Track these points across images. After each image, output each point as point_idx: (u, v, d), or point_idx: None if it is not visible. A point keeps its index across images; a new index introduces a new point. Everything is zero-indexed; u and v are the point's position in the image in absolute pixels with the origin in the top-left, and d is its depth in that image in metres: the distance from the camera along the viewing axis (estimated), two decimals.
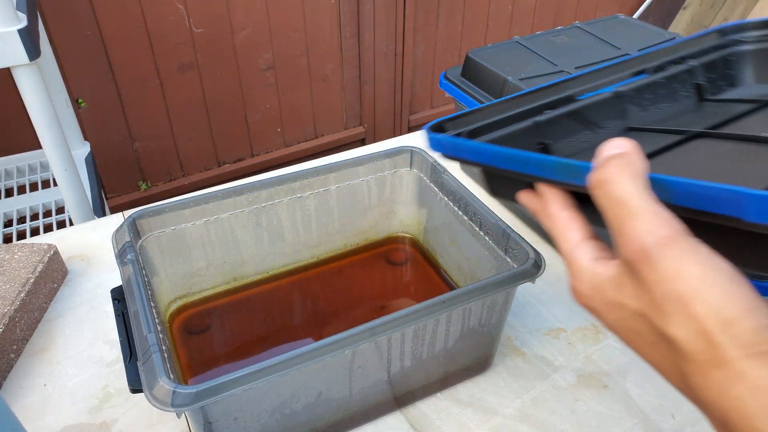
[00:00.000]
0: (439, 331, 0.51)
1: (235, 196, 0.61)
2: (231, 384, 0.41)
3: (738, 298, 0.25)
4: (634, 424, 0.56)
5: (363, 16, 1.78)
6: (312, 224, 0.67)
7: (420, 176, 0.68)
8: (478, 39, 2.09)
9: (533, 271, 0.51)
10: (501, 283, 0.50)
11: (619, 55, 0.78)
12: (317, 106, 1.89)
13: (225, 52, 1.63)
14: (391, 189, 0.70)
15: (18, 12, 0.85)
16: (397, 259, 0.72)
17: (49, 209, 1.20)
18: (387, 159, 0.67)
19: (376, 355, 0.49)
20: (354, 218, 0.70)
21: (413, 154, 0.67)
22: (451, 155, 0.42)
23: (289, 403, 0.47)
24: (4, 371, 0.59)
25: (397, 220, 0.73)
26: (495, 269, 0.58)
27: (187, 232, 0.61)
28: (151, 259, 0.60)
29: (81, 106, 1.51)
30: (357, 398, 0.52)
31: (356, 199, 0.68)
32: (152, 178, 1.73)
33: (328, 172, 0.64)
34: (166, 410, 0.40)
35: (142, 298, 0.49)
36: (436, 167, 0.65)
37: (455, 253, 0.66)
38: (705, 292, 0.25)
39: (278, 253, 0.68)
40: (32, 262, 0.67)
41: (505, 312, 0.55)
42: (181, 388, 0.40)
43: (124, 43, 1.48)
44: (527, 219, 0.80)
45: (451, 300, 0.48)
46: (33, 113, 0.91)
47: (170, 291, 0.64)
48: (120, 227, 0.57)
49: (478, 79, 0.79)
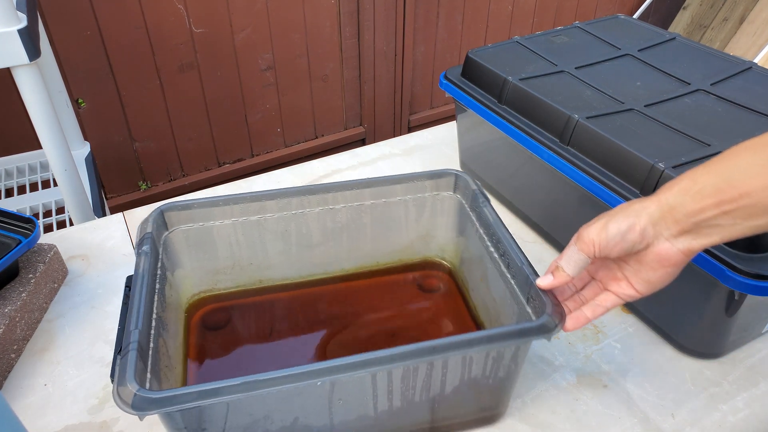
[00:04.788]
0: (434, 376, 0.47)
1: (265, 200, 0.60)
2: (192, 396, 0.40)
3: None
4: (634, 424, 0.56)
5: (363, 16, 1.78)
6: (343, 237, 0.65)
7: (462, 202, 0.64)
8: (478, 39, 2.08)
9: (546, 328, 0.46)
10: (507, 336, 0.46)
11: (619, 55, 0.78)
12: (317, 106, 1.89)
13: (225, 52, 1.63)
14: (431, 212, 0.66)
15: (18, 12, 0.85)
16: (429, 285, 0.68)
17: (49, 209, 1.20)
18: (429, 180, 0.63)
19: (359, 390, 0.47)
20: (388, 237, 0.67)
21: (457, 178, 0.63)
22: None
23: (262, 423, 0.46)
24: (4, 371, 0.59)
25: (436, 244, 0.69)
26: (515, 316, 0.53)
27: (214, 230, 0.61)
28: (177, 252, 0.60)
29: (81, 106, 1.51)
30: (339, 429, 0.49)
31: (392, 217, 0.65)
32: (152, 178, 1.73)
33: (363, 187, 0.62)
34: (126, 411, 0.40)
35: (141, 294, 0.49)
36: (477, 196, 0.61)
37: (484, 290, 0.62)
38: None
39: (306, 261, 0.66)
40: (32, 262, 0.67)
41: (515, 366, 0.50)
42: (143, 391, 0.40)
43: (124, 43, 1.48)
44: (528, 219, 0.80)
45: (447, 345, 0.44)
46: (33, 113, 0.91)
47: (194, 284, 0.64)
48: (147, 218, 0.57)
49: (478, 79, 0.79)
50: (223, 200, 0.59)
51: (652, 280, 0.46)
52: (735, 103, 0.66)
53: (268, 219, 0.61)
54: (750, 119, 0.64)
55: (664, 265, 0.45)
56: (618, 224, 0.44)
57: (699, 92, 0.69)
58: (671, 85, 0.71)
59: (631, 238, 0.44)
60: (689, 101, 0.68)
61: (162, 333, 0.53)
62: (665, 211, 0.43)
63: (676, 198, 0.43)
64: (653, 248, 0.45)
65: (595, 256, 0.46)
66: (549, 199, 0.74)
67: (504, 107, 0.74)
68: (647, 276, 0.46)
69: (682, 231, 0.43)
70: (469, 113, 0.80)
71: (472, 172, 0.89)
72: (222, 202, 0.59)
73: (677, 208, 0.43)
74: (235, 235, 0.62)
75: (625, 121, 0.65)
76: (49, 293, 0.68)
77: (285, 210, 0.61)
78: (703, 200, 0.41)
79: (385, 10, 1.80)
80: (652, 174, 0.58)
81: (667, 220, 0.43)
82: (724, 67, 0.73)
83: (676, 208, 0.43)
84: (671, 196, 0.43)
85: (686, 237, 0.44)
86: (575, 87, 0.71)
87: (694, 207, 0.42)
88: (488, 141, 0.81)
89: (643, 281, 0.47)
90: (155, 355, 0.48)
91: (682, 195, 0.43)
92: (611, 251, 0.45)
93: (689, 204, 0.42)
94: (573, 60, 0.77)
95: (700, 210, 0.42)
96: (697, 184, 0.42)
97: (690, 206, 0.42)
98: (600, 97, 0.69)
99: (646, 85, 0.71)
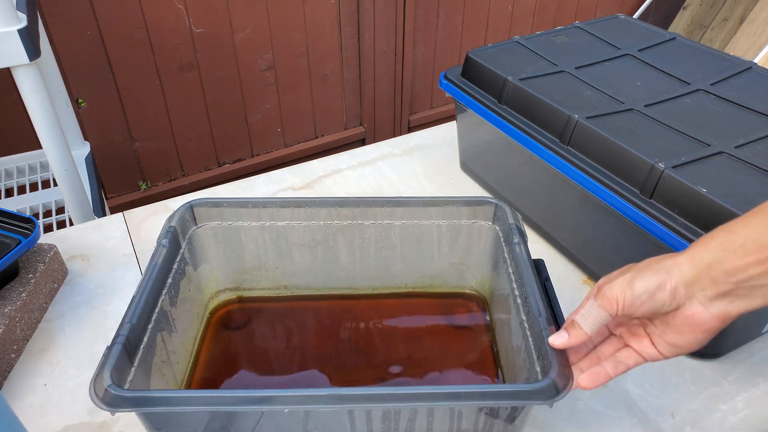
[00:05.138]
0: (418, 422, 0.46)
1: (294, 208, 0.60)
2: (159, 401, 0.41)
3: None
4: (634, 424, 0.56)
5: (363, 16, 1.78)
6: (370, 255, 0.63)
7: (499, 235, 0.60)
8: (478, 39, 2.08)
9: (545, 394, 0.41)
10: (500, 396, 0.42)
11: (619, 55, 0.78)
12: (317, 106, 1.89)
13: (225, 52, 1.63)
14: (466, 240, 0.62)
15: (18, 12, 0.85)
16: (458, 317, 0.64)
17: (49, 209, 1.20)
18: (465, 207, 0.60)
19: (337, 424, 0.45)
20: (419, 260, 0.64)
21: (497, 208, 0.60)
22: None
23: None
24: (4, 371, 0.59)
25: (471, 275, 0.65)
26: (526, 372, 0.49)
27: (242, 230, 0.61)
28: (204, 248, 0.61)
29: (81, 106, 1.51)
30: None
31: (423, 241, 0.62)
32: (152, 178, 1.73)
33: (394, 206, 0.60)
34: (96, 404, 0.40)
35: (146, 288, 0.50)
36: (513, 231, 0.57)
37: (506, 333, 0.57)
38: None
39: (332, 274, 0.65)
40: (32, 262, 0.67)
41: (513, 429, 0.47)
42: (114, 388, 0.41)
43: (124, 43, 1.48)
44: (528, 219, 0.80)
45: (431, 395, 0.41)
46: (33, 113, 0.91)
47: (219, 281, 0.65)
48: (175, 211, 0.58)
49: (478, 79, 0.79)
50: (252, 203, 0.59)
51: (678, 344, 0.42)
52: (735, 103, 0.66)
53: (295, 227, 0.61)
54: (750, 119, 0.64)
55: (695, 330, 0.41)
56: (646, 281, 0.40)
57: (699, 92, 0.69)
58: (671, 85, 0.71)
59: (660, 297, 0.40)
60: (689, 101, 0.68)
61: (164, 327, 0.53)
62: (701, 270, 0.39)
63: (714, 254, 0.38)
64: (684, 310, 0.40)
65: (617, 314, 0.42)
66: (549, 199, 0.74)
67: (504, 107, 0.74)
68: (673, 339, 0.42)
69: (719, 293, 0.39)
70: (469, 113, 0.80)
71: (472, 172, 0.89)
72: (251, 205, 0.59)
73: (715, 265, 0.38)
74: (262, 239, 0.62)
75: (625, 121, 0.65)
76: (49, 293, 0.68)
77: (313, 219, 0.60)
78: (745, 256, 0.37)
79: (385, 10, 1.80)
80: (652, 174, 0.58)
81: (702, 280, 0.39)
82: (724, 67, 0.73)
83: (713, 266, 0.38)
84: (707, 252, 0.39)
85: (723, 300, 0.39)
86: (575, 87, 0.71)
87: (736, 264, 0.37)
88: (488, 141, 0.81)
89: (668, 344, 0.43)
90: (149, 350, 0.49)
91: (721, 251, 0.38)
92: (636, 310, 0.41)
93: (729, 261, 0.38)
94: (573, 60, 0.77)
95: (742, 268, 0.37)
96: (738, 237, 0.38)
97: (730, 263, 0.38)
98: (600, 97, 0.69)
99: (646, 85, 0.71)
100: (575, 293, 0.70)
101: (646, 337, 0.44)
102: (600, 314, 0.42)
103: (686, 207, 0.55)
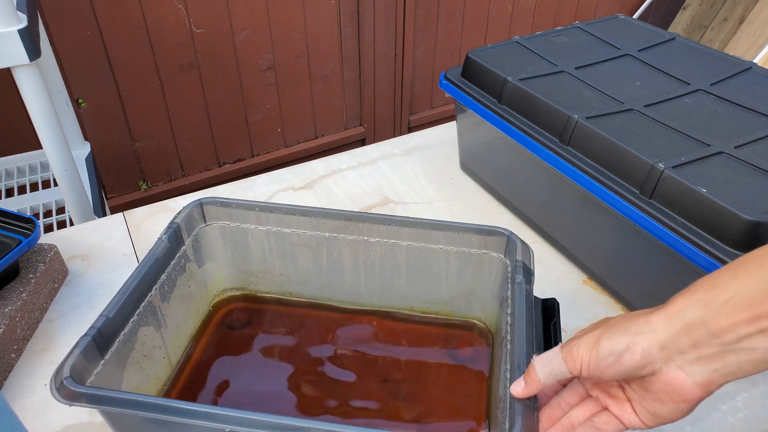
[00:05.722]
0: None
1: (300, 216, 0.59)
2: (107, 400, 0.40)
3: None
4: None
5: (363, 16, 1.78)
6: (375, 272, 0.62)
7: (508, 270, 0.56)
8: (478, 39, 2.09)
9: None
10: None
11: (619, 55, 0.78)
12: (317, 106, 1.89)
13: (225, 52, 1.63)
14: (476, 270, 0.60)
15: (18, 12, 0.85)
16: (460, 349, 0.61)
17: (49, 209, 1.20)
18: (476, 235, 0.57)
19: None
20: (425, 284, 0.62)
21: (509, 241, 0.56)
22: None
23: None
24: (4, 371, 0.59)
25: (480, 307, 0.62)
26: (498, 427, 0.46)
27: (249, 233, 0.61)
28: (212, 245, 0.61)
29: (81, 106, 1.51)
30: None
31: (429, 265, 0.60)
32: (152, 178, 1.73)
33: (400, 225, 0.58)
34: (53, 396, 0.40)
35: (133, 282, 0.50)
36: (517, 268, 0.53)
37: (497, 377, 0.53)
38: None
39: (336, 287, 0.64)
40: (32, 262, 0.67)
41: None
42: (68, 382, 0.41)
43: (124, 43, 1.48)
44: (528, 219, 0.80)
45: None
46: (33, 113, 0.91)
47: (226, 280, 0.65)
48: (183, 208, 0.58)
49: (478, 80, 0.79)
50: (259, 206, 0.59)
51: (659, 413, 0.37)
52: (735, 103, 0.66)
53: (301, 235, 0.61)
54: (750, 119, 0.64)
55: (675, 399, 0.35)
56: (612, 343, 0.36)
57: (699, 92, 0.69)
58: (671, 85, 0.71)
59: (627, 361, 0.35)
60: (689, 101, 0.68)
61: (150, 322, 0.53)
62: (678, 330, 0.34)
63: (695, 312, 0.33)
64: (662, 376, 0.35)
65: (581, 375, 0.38)
66: (549, 199, 0.74)
67: (504, 107, 0.74)
68: (653, 408, 0.37)
69: (702, 357, 0.33)
70: (469, 113, 0.80)
71: (472, 172, 0.89)
72: (258, 208, 0.59)
73: (696, 325, 0.33)
74: (268, 243, 0.62)
75: (625, 121, 0.65)
76: (50, 293, 0.68)
77: (318, 230, 0.60)
78: (732, 314, 0.32)
79: (385, 10, 1.80)
80: (652, 174, 0.58)
81: (681, 342, 0.34)
82: (724, 67, 0.73)
83: (694, 326, 0.33)
84: (687, 309, 0.34)
85: (707, 365, 0.33)
86: (575, 87, 0.71)
87: (721, 324, 0.32)
88: (488, 141, 0.81)
89: (648, 413, 0.37)
90: (126, 344, 0.49)
91: (703, 308, 0.33)
92: (603, 373, 0.37)
93: (714, 320, 0.33)
94: (573, 60, 0.77)
95: (729, 327, 0.32)
96: (724, 292, 0.33)
97: (715, 323, 0.33)
98: (600, 97, 0.69)
99: (645, 85, 0.71)
100: (575, 293, 0.70)
101: (627, 401, 0.39)
102: (561, 368, 0.38)
103: (686, 207, 0.55)
